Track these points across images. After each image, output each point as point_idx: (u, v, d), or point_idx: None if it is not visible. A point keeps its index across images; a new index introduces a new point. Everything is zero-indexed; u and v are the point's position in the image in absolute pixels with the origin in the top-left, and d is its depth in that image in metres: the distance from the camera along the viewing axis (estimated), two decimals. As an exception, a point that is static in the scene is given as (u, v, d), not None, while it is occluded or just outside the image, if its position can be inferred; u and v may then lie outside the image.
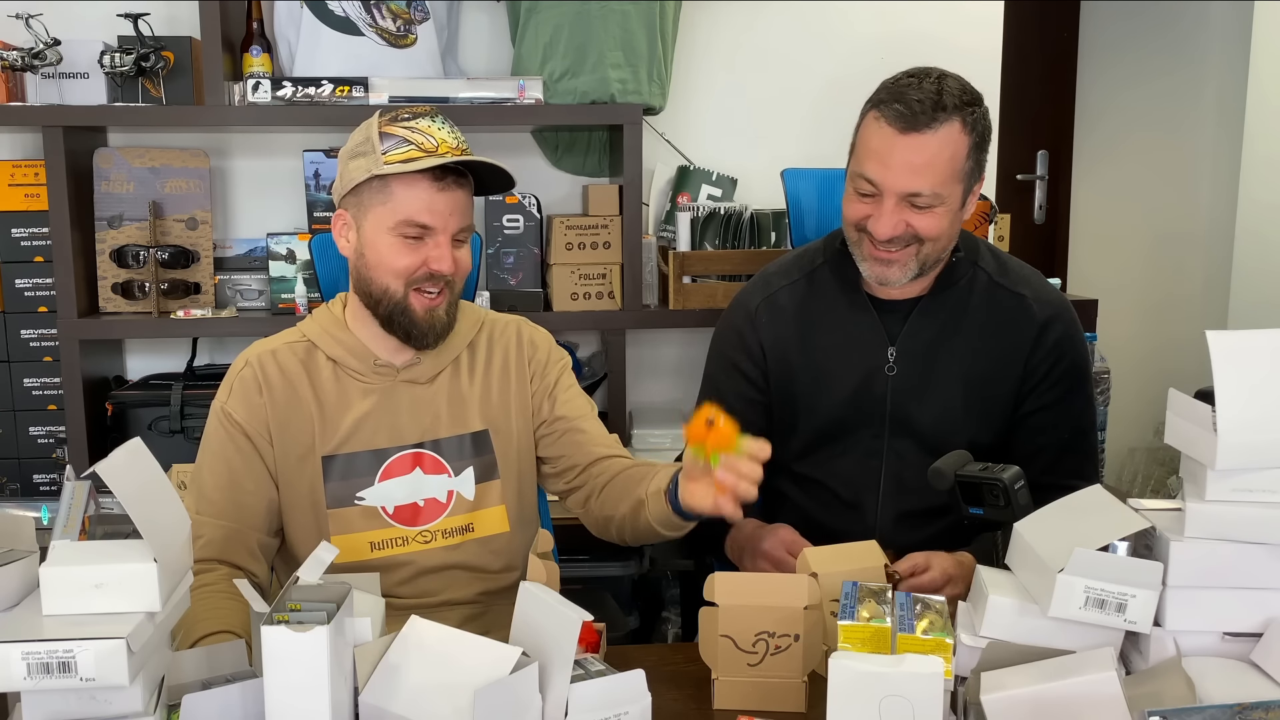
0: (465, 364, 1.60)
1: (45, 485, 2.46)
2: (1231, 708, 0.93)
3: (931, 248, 1.58)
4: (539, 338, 1.66)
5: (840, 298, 1.69)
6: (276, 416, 1.52)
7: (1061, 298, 1.71)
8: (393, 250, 1.47)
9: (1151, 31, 4.04)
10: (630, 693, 1.07)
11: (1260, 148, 3.25)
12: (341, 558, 1.49)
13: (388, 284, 1.48)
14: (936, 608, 1.12)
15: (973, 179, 1.59)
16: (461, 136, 1.50)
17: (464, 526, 1.57)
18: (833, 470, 1.69)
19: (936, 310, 1.66)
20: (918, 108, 1.51)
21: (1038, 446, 1.65)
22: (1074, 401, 1.67)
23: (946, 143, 1.52)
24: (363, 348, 1.55)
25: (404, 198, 1.45)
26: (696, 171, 2.63)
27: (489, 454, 1.58)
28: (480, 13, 2.61)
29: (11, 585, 1.01)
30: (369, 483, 1.53)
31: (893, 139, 1.52)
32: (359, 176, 1.47)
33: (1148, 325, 4.02)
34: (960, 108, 1.52)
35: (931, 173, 1.52)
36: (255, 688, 1.00)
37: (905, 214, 1.54)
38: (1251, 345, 1.08)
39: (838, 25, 2.70)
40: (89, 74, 2.36)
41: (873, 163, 1.54)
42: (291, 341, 1.56)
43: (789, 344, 1.70)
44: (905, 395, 1.65)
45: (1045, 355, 1.65)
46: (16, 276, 2.42)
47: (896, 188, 1.53)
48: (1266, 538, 1.07)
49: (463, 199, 1.50)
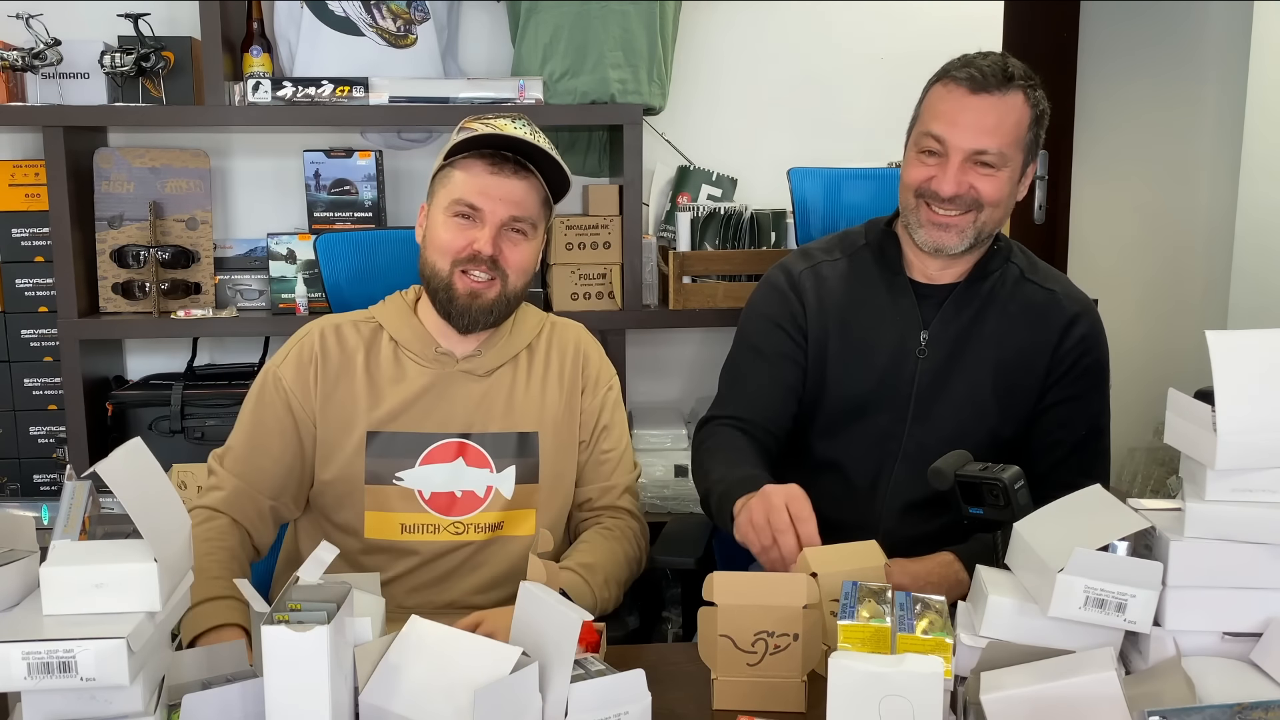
0: (524, 363, 1.63)
1: (45, 485, 2.47)
2: (1231, 708, 0.93)
3: (989, 215, 1.62)
4: (592, 351, 1.69)
5: (880, 279, 1.73)
6: (325, 388, 1.56)
7: (1087, 299, 1.75)
8: (445, 229, 1.53)
9: (1151, 32, 4.04)
10: (630, 693, 1.07)
11: (1260, 148, 3.25)
12: (371, 533, 1.55)
13: (436, 262, 1.54)
14: (936, 607, 1.12)
15: (1031, 154, 1.64)
16: (543, 141, 1.54)
17: (496, 524, 1.58)
18: (849, 453, 1.71)
19: (971, 298, 1.69)
20: (988, 72, 1.58)
21: (1054, 440, 1.68)
22: (1093, 399, 1.70)
23: (1013, 108, 1.58)
24: (426, 334, 1.60)
25: (459, 179, 1.53)
26: (696, 171, 2.63)
27: (534, 456, 1.60)
28: (480, 13, 2.61)
29: (11, 585, 1.01)
30: (410, 464, 1.55)
31: (963, 99, 1.58)
32: (435, 167, 1.56)
33: (1148, 325, 4.02)
34: (1025, 80, 1.60)
35: (999, 133, 1.58)
36: (255, 688, 1.00)
37: (969, 174, 1.59)
38: (1251, 345, 1.08)
39: (838, 25, 2.70)
40: (89, 74, 2.37)
41: (941, 122, 1.60)
42: (359, 320, 1.62)
43: (828, 314, 1.73)
44: (933, 378, 1.67)
45: (1071, 348, 1.68)
46: (17, 276, 2.43)
47: (965, 144, 1.58)
48: (1266, 538, 1.07)
49: (519, 189, 1.53)
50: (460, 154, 1.54)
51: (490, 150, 1.53)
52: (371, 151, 2.48)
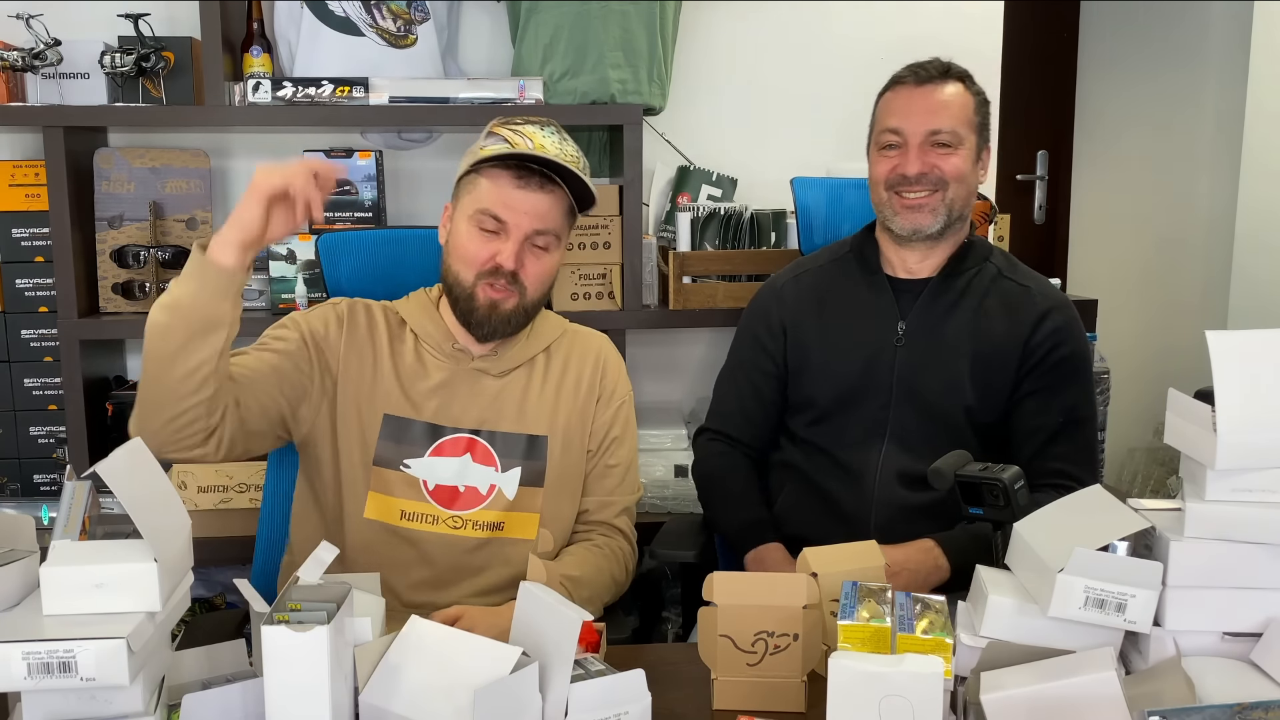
0: (541, 367, 1.64)
1: (45, 485, 2.47)
2: (1231, 708, 0.93)
3: (955, 191, 1.74)
4: (612, 362, 1.71)
5: (860, 278, 1.85)
6: (350, 353, 1.58)
7: (1065, 297, 1.83)
8: (469, 239, 1.55)
9: (1151, 32, 4.04)
10: (630, 693, 1.07)
11: (1260, 148, 3.25)
12: (372, 514, 1.56)
13: (459, 271, 1.56)
14: (936, 607, 1.12)
15: (982, 137, 1.79)
16: (571, 151, 1.55)
17: (496, 523, 1.58)
18: (839, 440, 1.79)
19: (947, 291, 1.79)
20: (930, 68, 1.77)
21: (1032, 428, 1.75)
22: (1068, 391, 1.75)
23: (956, 94, 1.76)
24: (446, 331, 1.62)
25: (486, 189, 1.54)
26: (696, 171, 2.63)
27: (541, 460, 1.60)
28: (480, 13, 2.61)
29: (11, 585, 1.01)
30: (419, 453, 1.57)
31: (911, 92, 1.76)
32: (461, 170, 1.57)
33: (1148, 325, 4.02)
34: (963, 76, 1.78)
35: (949, 113, 1.74)
36: (255, 688, 1.00)
37: (930, 155, 1.73)
38: (1251, 345, 1.08)
39: (838, 25, 2.70)
40: (89, 74, 2.36)
41: (896, 116, 1.76)
42: (386, 307, 1.65)
43: (808, 317, 1.85)
44: (912, 366, 1.76)
45: (1043, 340, 1.74)
46: (17, 276, 2.42)
47: (921, 127, 1.73)
48: (1266, 538, 1.07)
49: (544, 204, 1.54)
50: (488, 162, 1.54)
51: (516, 161, 1.53)
52: (371, 152, 2.48)
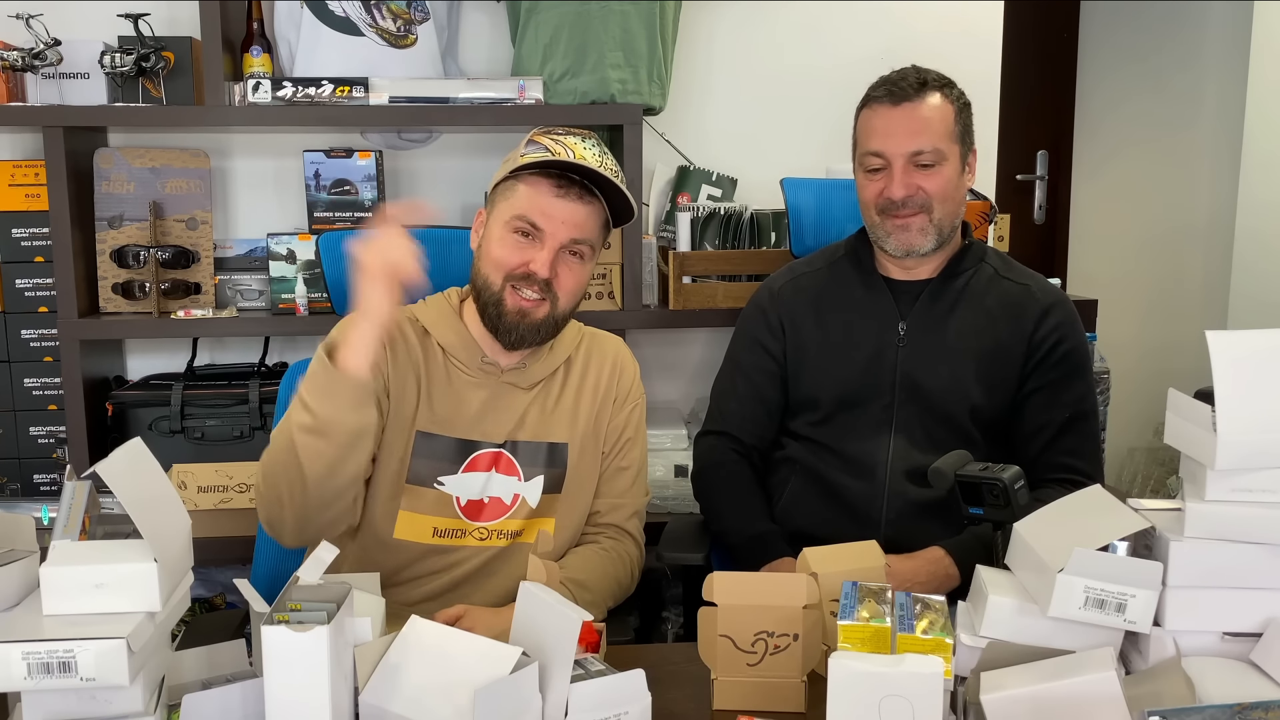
0: (562, 375, 1.64)
1: (45, 485, 2.46)
2: (1231, 708, 0.93)
3: (942, 210, 1.73)
4: (628, 366, 1.71)
5: (857, 280, 1.84)
6: (395, 376, 1.56)
7: (1062, 293, 1.84)
8: (502, 244, 1.53)
9: (1152, 32, 4.04)
10: (630, 693, 1.07)
11: (1260, 148, 3.25)
12: (403, 534, 1.55)
13: (489, 275, 1.54)
14: (936, 607, 1.12)
15: (966, 144, 1.77)
16: (611, 164, 1.54)
17: (517, 531, 1.58)
18: (845, 438, 1.78)
19: (946, 292, 1.79)
20: (904, 84, 1.73)
21: (1039, 424, 1.75)
22: (1073, 384, 1.76)
23: (934, 108, 1.73)
24: (473, 343, 1.59)
25: (524, 195, 1.52)
26: (696, 171, 2.63)
27: (561, 466, 1.60)
28: (480, 13, 2.61)
29: (11, 585, 1.01)
30: (452, 470, 1.56)
31: (889, 113, 1.73)
32: (499, 176, 1.55)
33: (1148, 325, 4.02)
34: (939, 83, 1.75)
35: (929, 132, 1.71)
36: (255, 688, 1.00)
37: (914, 176, 1.72)
38: (1251, 345, 1.08)
39: (838, 25, 2.70)
40: (89, 74, 2.36)
41: (876, 138, 1.74)
42: (409, 318, 1.61)
43: (807, 319, 1.84)
44: (914, 364, 1.76)
45: (1046, 335, 1.75)
46: (17, 276, 2.42)
47: (901, 149, 1.71)
48: (1266, 538, 1.07)
49: (581, 213, 1.53)
50: (527, 169, 1.52)
51: (557, 169, 1.52)
52: (371, 152, 2.47)
